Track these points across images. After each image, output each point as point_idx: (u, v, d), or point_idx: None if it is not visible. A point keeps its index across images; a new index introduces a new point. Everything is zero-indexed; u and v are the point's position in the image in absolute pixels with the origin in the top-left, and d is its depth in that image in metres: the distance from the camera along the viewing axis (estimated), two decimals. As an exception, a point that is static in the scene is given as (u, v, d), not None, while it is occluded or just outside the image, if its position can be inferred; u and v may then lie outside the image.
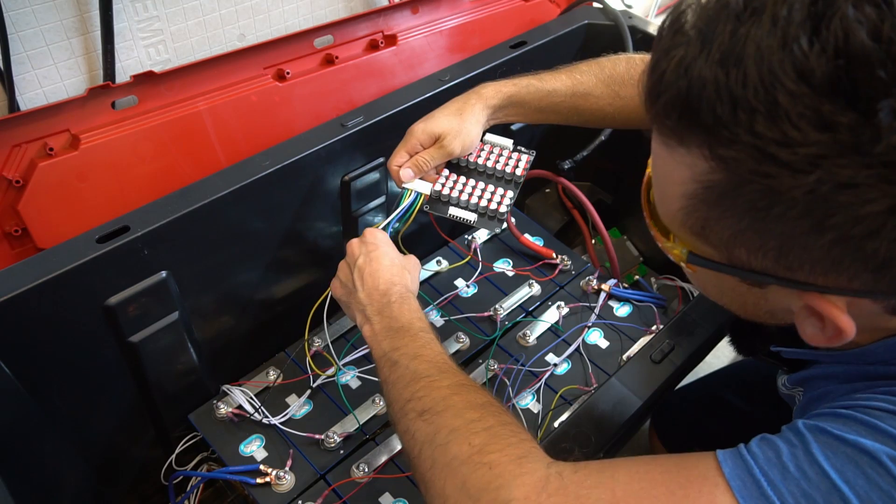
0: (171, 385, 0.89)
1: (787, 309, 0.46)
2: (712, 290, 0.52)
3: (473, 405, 0.55)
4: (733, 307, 0.52)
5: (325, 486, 0.82)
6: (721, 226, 0.41)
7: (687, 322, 0.76)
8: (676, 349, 0.73)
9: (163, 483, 0.90)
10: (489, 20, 1.25)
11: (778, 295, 0.45)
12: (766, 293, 0.46)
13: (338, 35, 1.07)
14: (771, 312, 0.48)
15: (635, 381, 0.70)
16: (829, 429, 0.42)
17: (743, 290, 0.47)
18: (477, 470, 0.49)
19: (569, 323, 1.03)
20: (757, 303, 0.48)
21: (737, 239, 0.41)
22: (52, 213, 0.87)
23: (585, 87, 0.83)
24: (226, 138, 1.00)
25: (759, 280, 0.43)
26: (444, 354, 0.63)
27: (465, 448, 0.50)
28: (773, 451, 0.43)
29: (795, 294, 0.43)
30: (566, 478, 0.47)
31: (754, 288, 0.46)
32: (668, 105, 0.39)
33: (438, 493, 0.50)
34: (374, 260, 0.72)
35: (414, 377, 0.59)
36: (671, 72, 0.38)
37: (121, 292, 0.76)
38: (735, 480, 0.42)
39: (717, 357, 1.56)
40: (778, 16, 0.34)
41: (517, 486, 0.46)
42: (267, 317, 1.00)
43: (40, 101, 0.90)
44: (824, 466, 0.40)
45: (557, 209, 1.40)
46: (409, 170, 0.81)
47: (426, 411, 0.55)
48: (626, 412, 0.68)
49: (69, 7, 0.87)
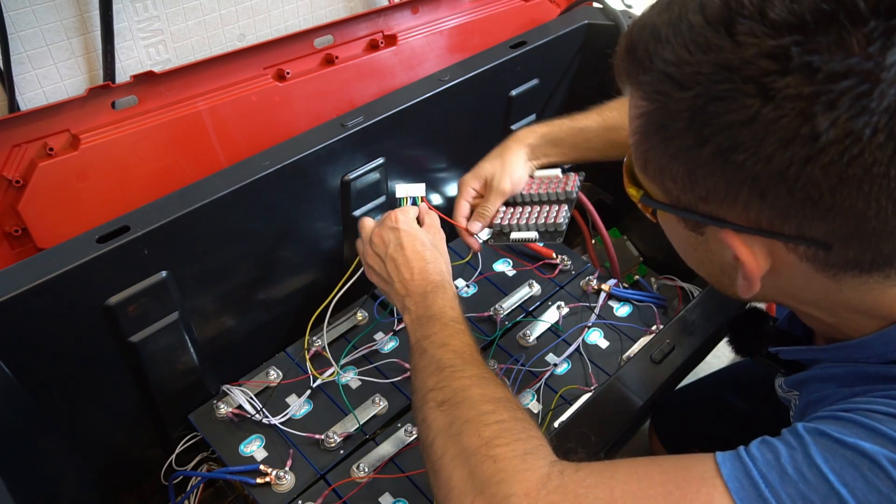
0: (171, 385, 0.89)
1: (729, 263, 0.48)
2: (673, 241, 0.55)
3: (490, 398, 0.56)
4: (691, 261, 0.54)
5: (325, 486, 0.82)
6: (653, 157, 0.46)
7: (687, 322, 0.76)
8: (676, 349, 0.72)
9: (163, 483, 0.90)
10: (489, 20, 1.25)
11: (714, 243, 0.48)
12: (707, 242, 0.49)
13: (338, 35, 1.07)
14: (721, 268, 0.50)
15: (635, 382, 0.70)
16: (828, 431, 0.42)
17: (691, 241, 0.50)
18: (483, 462, 0.50)
19: (569, 323, 1.02)
20: (706, 256, 0.50)
21: (664, 170, 0.46)
22: (52, 213, 0.87)
23: (615, 121, 0.87)
24: (226, 138, 1.00)
25: (689, 217, 0.47)
26: (472, 345, 0.65)
27: (475, 440, 0.52)
28: (772, 453, 0.43)
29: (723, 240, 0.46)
30: (567, 476, 0.47)
31: (697, 236, 0.49)
32: (622, 52, 0.47)
33: (445, 482, 0.52)
34: (407, 247, 0.75)
35: (438, 367, 0.61)
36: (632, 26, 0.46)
37: (121, 292, 0.76)
38: (733, 482, 0.42)
39: (717, 357, 1.56)
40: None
41: (518, 482, 0.47)
42: (267, 317, 1.00)
43: (40, 101, 0.90)
44: (823, 469, 0.40)
45: (557, 209, 1.40)
46: (477, 222, 0.88)
47: (445, 402, 0.57)
48: (626, 412, 0.68)
49: (69, 7, 0.87)
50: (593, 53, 1.19)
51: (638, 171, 0.50)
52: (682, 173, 0.45)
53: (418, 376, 0.63)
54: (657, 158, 0.46)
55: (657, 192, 0.49)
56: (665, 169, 0.46)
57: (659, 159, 0.46)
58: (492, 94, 1.10)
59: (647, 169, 0.48)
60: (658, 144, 0.45)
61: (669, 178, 0.46)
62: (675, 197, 0.47)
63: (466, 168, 1.17)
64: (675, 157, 0.44)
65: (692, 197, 0.45)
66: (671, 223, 0.52)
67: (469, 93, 1.03)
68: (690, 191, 0.45)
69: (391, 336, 1.00)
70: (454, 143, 1.11)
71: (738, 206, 0.43)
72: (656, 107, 0.44)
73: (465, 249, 1.14)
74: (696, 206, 0.46)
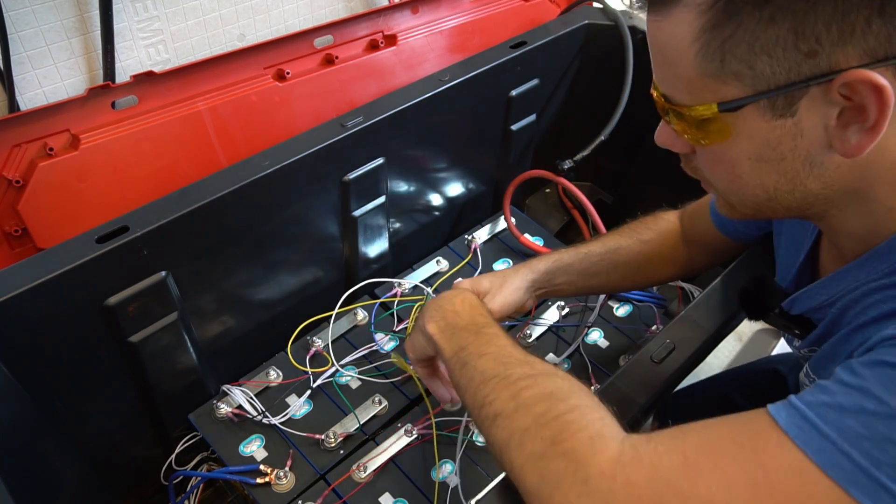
0: (171, 385, 0.89)
1: (825, 140, 0.46)
2: (745, 165, 0.51)
3: (541, 397, 0.55)
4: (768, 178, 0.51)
5: (325, 486, 0.82)
6: (737, 40, 0.44)
7: (687, 322, 0.76)
8: (677, 349, 0.72)
9: (163, 483, 0.90)
10: (489, 20, 1.25)
11: (811, 117, 0.46)
12: (799, 123, 0.46)
13: (338, 35, 1.07)
14: (808, 154, 0.48)
15: (635, 382, 0.69)
16: (886, 359, 0.42)
17: (774, 136, 0.48)
18: (553, 461, 0.50)
19: (569, 323, 1.02)
20: (792, 146, 0.48)
21: (755, 45, 0.44)
22: (52, 213, 0.87)
23: (613, 243, 0.87)
24: (226, 138, 1.00)
25: (788, 92, 0.45)
26: (509, 346, 0.63)
27: (539, 444, 0.51)
28: (825, 394, 0.43)
29: (827, 96, 0.44)
30: (640, 448, 0.47)
31: (787, 122, 0.46)
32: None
33: (525, 490, 0.51)
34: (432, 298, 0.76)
35: (483, 379, 0.60)
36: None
37: (120, 292, 0.76)
38: (792, 429, 0.42)
39: (718, 357, 1.56)
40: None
41: (592, 465, 0.47)
42: (267, 317, 1.00)
43: (40, 101, 0.90)
44: (883, 397, 0.40)
45: (557, 209, 1.40)
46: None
47: (498, 416, 0.56)
48: (626, 413, 0.68)
49: (69, 7, 0.87)
50: (593, 53, 1.19)
51: (706, 80, 0.48)
52: (786, 31, 0.43)
53: (466, 393, 0.62)
54: (747, 35, 0.44)
55: (734, 90, 0.47)
56: (758, 41, 0.44)
57: (750, 34, 0.44)
58: (492, 94, 1.10)
59: (728, 61, 0.46)
60: (751, 14, 0.43)
61: (763, 52, 0.44)
62: (768, 76, 0.45)
63: (466, 168, 1.18)
64: (776, 15, 0.43)
65: (796, 58, 0.43)
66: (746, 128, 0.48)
67: (469, 93, 1.03)
68: (795, 48, 0.43)
69: (391, 336, 1.00)
70: (454, 143, 1.11)
71: (855, 37, 0.42)
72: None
73: (464, 250, 1.14)
74: (797, 70, 0.44)
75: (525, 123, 1.19)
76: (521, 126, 1.18)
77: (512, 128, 1.17)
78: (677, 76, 0.50)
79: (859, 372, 0.43)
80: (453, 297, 0.72)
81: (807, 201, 0.51)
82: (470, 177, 1.20)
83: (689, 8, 0.46)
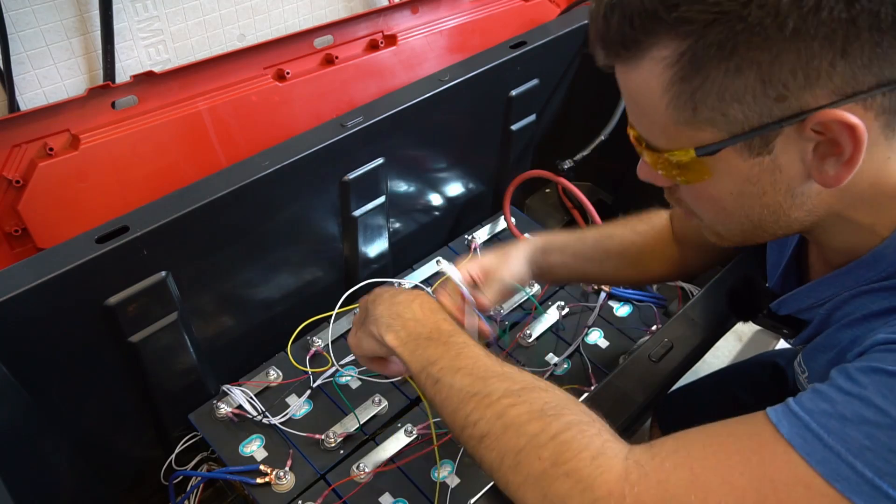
0: (171, 385, 0.89)
1: (803, 172, 0.47)
2: (727, 200, 0.52)
3: (532, 416, 0.53)
4: (745, 208, 0.52)
5: (325, 486, 0.82)
6: (707, 91, 0.45)
7: (686, 321, 0.76)
8: (675, 348, 0.72)
9: (163, 483, 0.90)
10: (489, 20, 1.25)
11: (787, 153, 0.46)
12: (776, 160, 0.47)
13: (338, 35, 1.07)
14: (788, 187, 0.49)
15: (634, 381, 0.69)
16: (883, 367, 0.42)
17: (752, 174, 0.48)
18: (555, 482, 0.49)
19: (569, 323, 1.03)
20: (771, 181, 0.48)
21: (725, 94, 0.45)
22: (52, 213, 0.87)
23: (608, 230, 0.87)
24: (226, 138, 1.00)
25: (763, 133, 0.46)
26: (483, 356, 0.60)
27: (537, 464, 0.50)
28: (826, 402, 0.43)
29: (801, 133, 0.45)
30: (645, 465, 0.47)
31: (764, 159, 0.47)
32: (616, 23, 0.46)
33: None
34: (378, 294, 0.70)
35: (461, 398, 0.56)
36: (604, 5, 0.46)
37: (120, 292, 0.76)
38: (795, 439, 0.42)
39: (717, 357, 1.56)
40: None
41: (599, 486, 0.47)
42: (267, 317, 1.00)
43: (40, 101, 0.90)
44: (883, 406, 0.41)
45: (557, 209, 1.40)
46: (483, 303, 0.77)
47: (485, 437, 0.54)
48: (624, 411, 0.68)
49: (69, 7, 0.87)
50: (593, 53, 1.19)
51: (681, 127, 0.48)
52: (753, 80, 0.44)
53: (443, 410, 0.58)
54: (715, 86, 0.45)
55: (709, 135, 0.48)
56: (727, 91, 0.44)
57: (719, 85, 0.44)
58: (492, 94, 1.10)
59: (700, 110, 0.46)
60: (717, 67, 0.44)
61: (734, 100, 0.45)
62: (742, 121, 0.46)
63: (466, 168, 1.18)
64: (741, 66, 0.43)
65: (766, 103, 0.44)
66: (726, 168, 0.49)
67: (469, 93, 1.03)
68: (764, 95, 0.44)
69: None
70: (454, 143, 1.12)
71: (821, 79, 0.42)
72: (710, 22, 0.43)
73: (464, 250, 1.14)
74: (769, 113, 0.45)
75: (525, 123, 1.19)
76: (521, 126, 1.19)
77: (512, 128, 1.17)
78: (652, 122, 0.50)
79: (857, 379, 0.43)
80: (410, 302, 0.66)
81: (793, 228, 0.52)
82: (470, 177, 1.20)
83: (654, 61, 0.46)
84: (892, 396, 0.41)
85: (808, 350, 0.60)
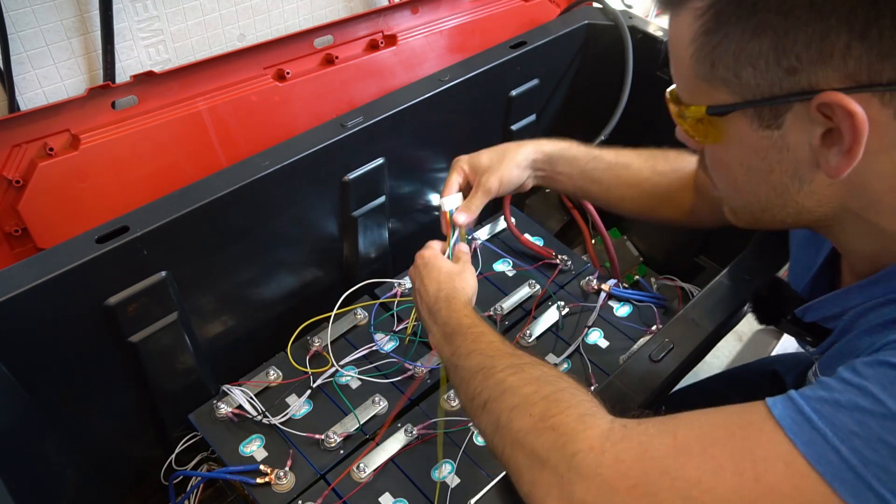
0: (171, 385, 0.89)
1: (811, 157, 0.46)
2: (738, 171, 0.52)
3: (528, 380, 0.56)
4: (752, 182, 0.52)
5: (325, 486, 0.82)
6: (724, 48, 0.46)
7: (687, 321, 0.76)
8: (675, 348, 0.72)
9: (163, 483, 0.90)
10: (489, 20, 1.25)
11: (796, 133, 0.46)
12: (785, 137, 0.47)
13: (338, 35, 1.07)
14: (795, 169, 0.48)
15: (634, 381, 0.70)
16: (889, 360, 0.42)
17: (761, 147, 0.48)
18: (542, 435, 0.50)
19: (569, 323, 1.02)
20: (778, 159, 0.48)
21: (740, 56, 0.45)
22: (52, 213, 0.87)
23: (627, 159, 0.85)
24: (226, 138, 1.00)
25: (772, 104, 0.46)
26: (497, 341, 0.64)
27: (527, 420, 0.52)
28: (825, 389, 0.43)
29: (809, 114, 0.44)
30: (630, 428, 0.48)
31: (773, 133, 0.47)
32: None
33: (514, 469, 0.52)
34: (425, 277, 0.76)
35: (471, 374, 0.61)
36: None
37: (120, 292, 0.76)
38: (785, 419, 0.42)
39: (718, 357, 1.56)
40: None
41: (581, 440, 0.48)
42: (267, 317, 1.00)
43: (40, 101, 0.90)
44: (880, 396, 0.40)
45: (557, 209, 1.40)
46: (463, 214, 0.82)
47: (487, 402, 0.57)
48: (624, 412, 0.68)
49: (69, 7, 0.87)
50: (593, 53, 1.19)
51: (700, 82, 0.49)
52: (768, 46, 0.44)
53: (460, 392, 0.63)
54: (733, 45, 0.45)
55: (724, 96, 0.48)
56: (743, 52, 0.45)
57: (735, 44, 0.45)
58: (492, 94, 1.10)
59: (717, 67, 0.47)
60: (736, 25, 0.44)
61: (748, 63, 0.45)
62: (753, 86, 0.46)
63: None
64: (758, 29, 0.43)
65: (777, 73, 0.44)
66: (737, 134, 0.49)
67: (469, 93, 1.03)
68: (776, 63, 0.44)
69: (391, 336, 1.00)
70: (454, 143, 1.11)
71: (834, 59, 0.42)
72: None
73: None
74: (779, 84, 0.45)
75: (525, 123, 1.19)
76: (521, 126, 1.19)
77: (512, 128, 1.17)
78: (679, 74, 0.52)
79: (860, 371, 0.43)
80: (438, 300, 0.72)
81: (802, 217, 0.52)
82: (470, 177, 1.20)
83: (689, 11, 0.47)
84: (892, 388, 0.40)
85: (826, 359, 0.59)
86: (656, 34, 1.14)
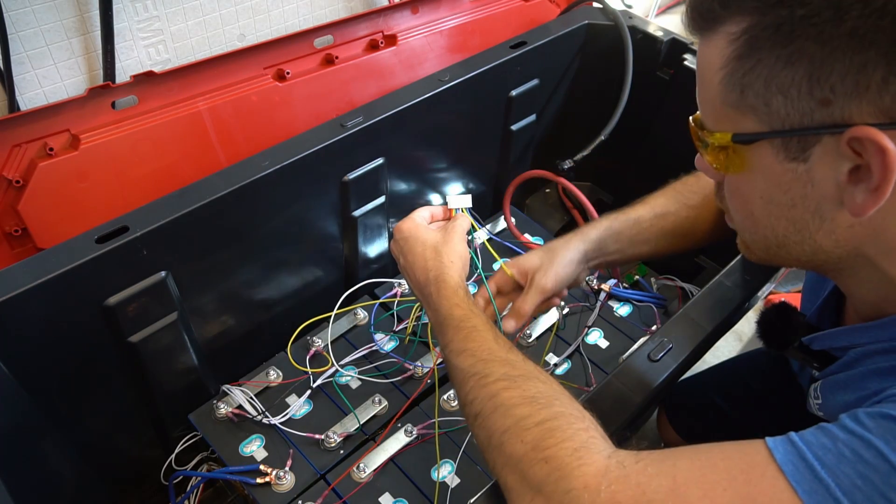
0: (171, 385, 0.89)
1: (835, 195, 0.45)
2: (756, 203, 0.51)
3: (523, 400, 0.54)
4: (772, 215, 0.50)
5: (325, 486, 0.82)
6: (756, 75, 0.45)
7: (686, 321, 0.76)
8: (674, 348, 0.72)
9: (163, 483, 0.90)
10: (489, 20, 1.25)
11: (823, 168, 0.45)
12: (811, 171, 0.46)
13: (338, 35, 1.07)
14: (818, 205, 0.47)
15: (634, 381, 0.70)
16: (892, 413, 0.42)
17: (785, 179, 0.47)
18: (534, 465, 0.49)
19: (569, 323, 1.03)
20: (801, 194, 0.47)
21: (772, 83, 0.44)
22: (52, 213, 0.87)
23: (662, 208, 0.84)
24: (226, 138, 1.00)
25: (801, 135, 0.45)
26: (490, 340, 0.62)
27: (519, 447, 0.51)
28: (828, 437, 0.42)
29: (839, 149, 0.43)
30: (627, 467, 0.47)
31: (799, 167, 0.46)
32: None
33: (506, 488, 0.52)
34: (408, 254, 0.75)
35: (463, 377, 0.60)
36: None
37: (120, 292, 0.76)
38: (787, 465, 0.41)
39: (717, 357, 1.56)
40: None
41: (577, 477, 0.47)
42: (267, 317, 1.00)
43: (40, 101, 0.90)
44: (883, 450, 0.40)
45: (557, 209, 1.40)
46: (511, 320, 0.80)
47: (478, 415, 0.56)
48: (624, 411, 0.68)
49: (69, 7, 0.87)
50: (593, 53, 1.19)
51: (727, 108, 0.48)
52: (802, 74, 0.42)
53: (455, 388, 0.63)
54: (765, 71, 0.44)
55: (751, 124, 0.47)
56: (775, 80, 0.44)
57: (768, 71, 0.44)
58: (492, 94, 1.10)
59: (747, 94, 0.46)
60: (770, 52, 0.43)
61: (780, 92, 0.44)
62: (783, 116, 0.45)
63: (466, 168, 1.18)
64: (793, 57, 0.42)
65: (810, 103, 0.43)
66: (761, 165, 0.48)
67: (469, 93, 1.03)
68: (809, 93, 0.43)
69: (391, 336, 1.00)
70: (454, 143, 1.12)
71: (870, 93, 0.41)
72: (774, 3, 0.42)
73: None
74: (811, 115, 0.43)
75: (525, 123, 1.19)
76: (521, 126, 1.19)
77: (512, 128, 1.17)
78: (705, 99, 0.51)
79: (864, 421, 0.42)
80: (427, 287, 0.71)
81: (817, 257, 0.51)
82: (470, 177, 1.20)
83: (722, 35, 0.46)
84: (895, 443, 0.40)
85: (829, 382, 0.59)
86: (656, 34, 1.14)
